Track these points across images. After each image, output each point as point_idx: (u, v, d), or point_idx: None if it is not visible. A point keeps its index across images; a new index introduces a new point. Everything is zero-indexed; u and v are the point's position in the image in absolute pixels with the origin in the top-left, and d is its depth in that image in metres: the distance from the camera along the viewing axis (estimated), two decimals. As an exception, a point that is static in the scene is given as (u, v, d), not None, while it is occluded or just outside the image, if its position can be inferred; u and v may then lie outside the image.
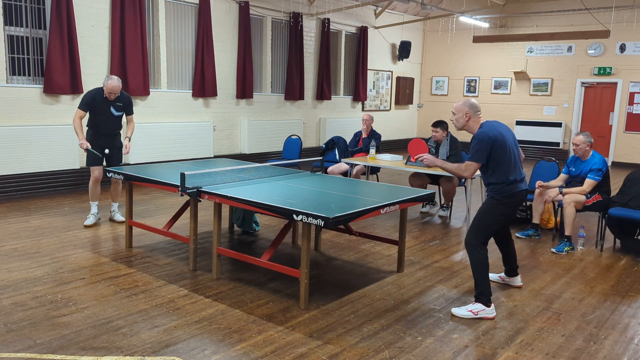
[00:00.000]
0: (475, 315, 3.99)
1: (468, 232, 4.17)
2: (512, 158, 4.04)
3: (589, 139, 5.90)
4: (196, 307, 4.01)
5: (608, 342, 3.69)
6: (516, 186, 4.07)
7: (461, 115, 4.08)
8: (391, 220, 6.91)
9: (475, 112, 4.06)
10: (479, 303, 4.02)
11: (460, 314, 4.01)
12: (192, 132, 9.85)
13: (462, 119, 4.08)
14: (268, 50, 11.39)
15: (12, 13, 7.66)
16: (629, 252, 5.88)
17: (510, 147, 4.04)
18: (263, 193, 4.44)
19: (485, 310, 4.01)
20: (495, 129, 4.01)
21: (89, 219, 6.23)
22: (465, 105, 4.07)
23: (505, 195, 4.05)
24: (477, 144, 3.98)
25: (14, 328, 3.59)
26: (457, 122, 4.12)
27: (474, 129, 4.08)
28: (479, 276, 4.05)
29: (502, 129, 4.07)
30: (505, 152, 3.99)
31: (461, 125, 4.11)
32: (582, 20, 13.02)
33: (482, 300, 4.02)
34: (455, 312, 4.04)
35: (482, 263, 4.05)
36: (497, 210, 4.09)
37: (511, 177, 4.02)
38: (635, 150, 13.16)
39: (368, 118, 8.31)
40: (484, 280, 4.04)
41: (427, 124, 15.60)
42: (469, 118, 4.06)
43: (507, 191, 4.04)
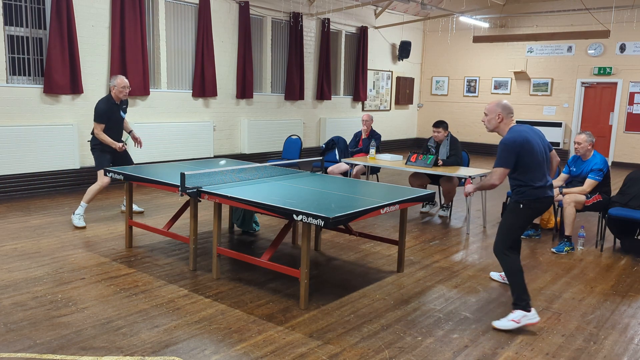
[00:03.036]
0: (518, 323, 3.80)
1: (496, 239, 4.03)
2: (539, 163, 3.92)
3: (591, 138, 5.90)
4: (196, 307, 4.01)
5: (608, 342, 3.69)
6: (543, 191, 3.95)
7: (493, 117, 3.97)
8: (391, 220, 6.91)
9: (507, 113, 3.96)
10: (519, 310, 3.84)
11: (503, 326, 3.83)
12: (192, 132, 9.85)
13: (495, 121, 3.97)
14: (268, 50, 11.39)
15: (12, 13, 7.65)
16: (629, 252, 5.88)
17: (538, 152, 3.91)
18: (263, 193, 4.44)
19: (527, 316, 3.82)
20: (522, 133, 3.88)
21: (81, 220, 6.15)
22: (498, 106, 3.97)
23: (531, 200, 3.92)
24: (503, 150, 3.86)
25: (14, 328, 3.59)
26: (489, 123, 4.00)
27: (504, 132, 3.97)
28: (514, 281, 3.90)
29: (530, 133, 3.94)
30: (532, 157, 3.86)
31: (493, 127, 4.01)
32: (582, 20, 13.02)
33: (521, 305, 3.85)
34: (497, 325, 3.86)
35: (515, 268, 3.90)
36: (523, 214, 3.96)
37: (538, 181, 3.90)
38: (635, 150, 13.16)
39: (368, 118, 8.31)
40: (520, 285, 3.88)
41: (427, 124, 15.61)
42: (502, 120, 3.95)
43: (534, 195, 3.91)
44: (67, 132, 8.05)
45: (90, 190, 6.20)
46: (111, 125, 6.19)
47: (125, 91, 6.16)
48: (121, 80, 6.12)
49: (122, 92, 6.14)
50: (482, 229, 6.75)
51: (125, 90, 6.15)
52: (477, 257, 5.55)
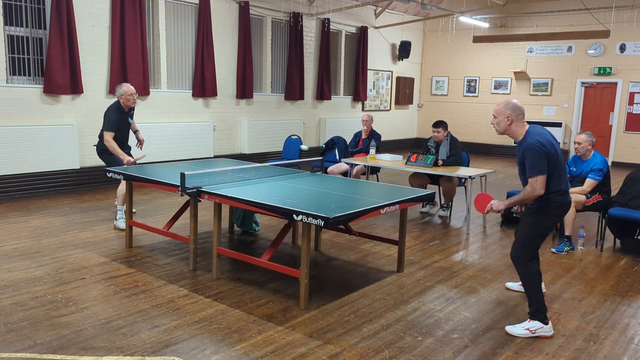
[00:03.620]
0: (533, 333, 3.72)
1: (514, 246, 3.86)
2: (562, 167, 3.78)
3: (592, 138, 5.90)
4: (196, 307, 4.01)
5: (608, 342, 3.69)
6: (566, 196, 3.80)
7: (502, 119, 3.76)
8: (391, 220, 6.91)
9: (517, 115, 3.74)
10: (536, 321, 3.75)
11: (516, 333, 3.75)
12: (192, 132, 9.85)
13: (504, 123, 3.76)
14: (268, 50, 11.39)
15: (12, 13, 7.65)
16: (629, 252, 5.88)
17: (560, 155, 3.77)
18: (263, 193, 4.44)
19: (543, 329, 3.73)
20: (544, 134, 3.73)
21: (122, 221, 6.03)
22: (507, 107, 3.75)
23: (556, 206, 3.75)
24: (535, 155, 3.63)
25: (14, 328, 3.59)
26: (498, 126, 3.80)
27: (517, 134, 3.77)
28: (532, 292, 3.78)
29: (550, 136, 3.78)
30: (557, 160, 3.72)
31: (502, 130, 3.80)
32: (582, 20, 13.02)
33: (538, 317, 3.75)
34: (510, 330, 3.78)
35: (534, 278, 3.76)
36: (546, 221, 3.79)
37: (562, 186, 3.76)
38: (635, 150, 13.16)
39: (368, 119, 8.31)
40: (538, 297, 3.77)
41: (427, 124, 15.61)
42: (511, 122, 3.74)
43: (559, 201, 3.74)
44: (67, 132, 8.05)
45: (119, 192, 6.08)
46: (121, 133, 6.23)
47: (132, 98, 6.14)
48: (127, 89, 6.10)
49: (129, 100, 6.12)
50: (482, 229, 6.75)
51: (132, 98, 6.13)
52: (477, 257, 5.55)
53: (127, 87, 6.12)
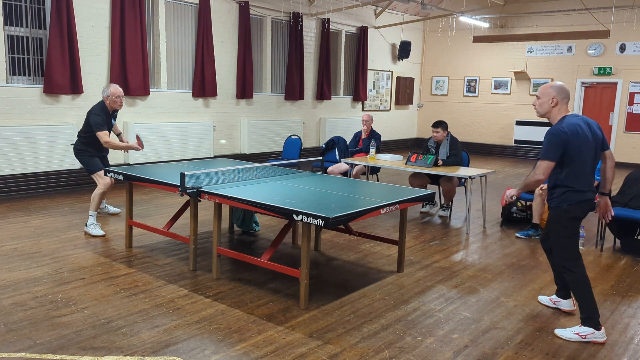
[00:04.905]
0: (583, 339, 3.62)
1: (555, 256, 3.78)
2: (584, 162, 3.58)
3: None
4: (196, 307, 4.01)
5: (608, 342, 3.69)
6: (583, 195, 3.63)
7: (547, 100, 3.62)
8: (391, 220, 6.90)
9: (563, 98, 3.60)
10: (587, 327, 3.65)
11: (566, 337, 3.68)
12: (192, 132, 9.84)
13: (547, 104, 3.63)
14: (268, 50, 11.39)
15: (12, 13, 7.65)
16: (629, 252, 5.88)
17: (586, 149, 3.56)
18: (263, 193, 4.44)
19: (594, 334, 3.62)
20: (574, 125, 3.53)
21: (97, 228, 5.83)
22: (554, 89, 3.61)
23: (571, 203, 3.62)
24: (550, 141, 3.52)
25: (14, 328, 3.59)
26: (541, 107, 3.66)
27: (555, 118, 3.64)
28: (582, 298, 3.66)
29: (582, 127, 3.57)
30: (579, 153, 3.53)
31: (545, 111, 3.65)
32: (582, 20, 13.02)
33: (589, 324, 3.63)
34: (559, 333, 3.72)
35: (582, 283, 3.65)
36: (569, 218, 3.65)
37: (579, 184, 3.60)
38: (635, 150, 13.16)
39: (368, 118, 8.31)
40: (589, 302, 3.64)
41: (427, 124, 15.60)
42: (556, 104, 3.61)
43: (573, 199, 3.61)
44: (67, 132, 8.04)
45: (95, 196, 5.89)
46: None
47: (119, 101, 5.93)
48: (115, 90, 5.88)
49: (116, 102, 5.92)
50: (482, 229, 6.75)
51: (119, 100, 5.93)
52: (477, 257, 5.55)
53: (115, 88, 5.91)
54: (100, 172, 5.96)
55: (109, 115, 6.05)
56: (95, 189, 5.95)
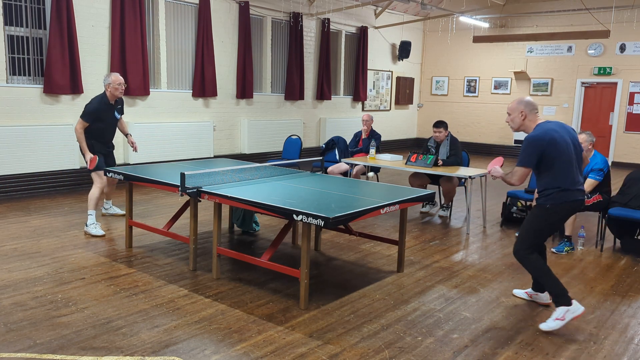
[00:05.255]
0: (564, 320, 3.74)
1: (516, 240, 3.97)
2: (566, 163, 3.74)
3: (592, 138, 5.89)
4: (196, 307, 4.01)
5: (608, 342, 3.69)
6: (571, 194, 3.77)
7: (517, 115, 3.84)
8: (391, 220, 6.90)
9: (530, 110, 3.82)
10: (561, 306, 3.78)
11: (551, 327, 3.77)
12: (192, 132, 9.85)
13: (518, 119, 3.84)
14: (268, 50, 11.39)
15: (12, 13, 7.65)
16: (629, 252, 5.88)
17: (564, 151, 3.73)
18: (263, 193, 4.44)
19: (570, 311, 3.75)
20: (549, 131, 3.72)
21: (98, 228, 5.81)
22: (520, 103, 3.85)
23: (557, 203, 3.76)
24: (526, 147, 3.72)
25: (14, 328, 3.59)
26: (513, 122, 3.88)
27: (529, 128, 3.84)
28: (544, 280, 3.83)
29: (558, 131, 3.77)
30: (558, 156, 3.71)
31: (517, 125, 3.87)
32: (582, 20, 13.02)
33: (562, 302, 3.78)
34: (543, 327, 3.80)
35: (539, 267, 3.83)
36: (547, 217, 3.83)
37: (566, 184, 3.74)
38: (635, 150, 13.16)
39: (368, 118, 8.31)
40: (554, 282, 3.81)
41: (427, 124, 15.62)
42: (525, 117, 3.82)
43: (560, 199, 3.75)
44: (67, 132, 8.04)
45: (92, 195, 5.88)
46: (104, 126, 6.02)
47: (120, 88, 5.93)
48: (116, 77, 5.91)
49: (117, 90, 5.92)
50: (482, 229, 6.75)
51: (120, 88, 5.93)
52: (477, 257, 5.55)
53: (116, 76, 5.93)
54: (99, 171, 5.96)
55: (111, 107, 6.03)
56: (92, 188, 5.96)
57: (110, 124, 6.12)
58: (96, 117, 5.91)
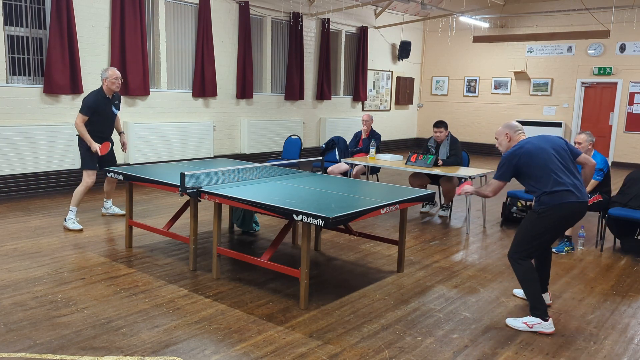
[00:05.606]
0: (530, 328, 3.80)
1: (511, 245, 4.00)
2: (547, 168, 3.80)
3: (591, 138, 5.89)
4: (196, 307, 4.01)
5: (608, 342, 3.69)
6: (560, 196, 3.76)
7: (503, 138, 4.08)
8: (391, 220, 6.91)
9: (515, 131, 4.05)
10: (535, 317, 3.82)
11: (515, 325, 3.86)
12: (192, 132, 9.85)
13: (505, 142, 4.07)
14: (268, 50, 11.39)
15: (12, 13, 7.65)
16: (629, 252, 5.88)
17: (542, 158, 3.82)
18: (263, 193, 4.44)
19: (541, 324, 3.79)
20: (524, 145, 3.89)
21: (75, 223, 5.97)
22: (505, 127, 4.10)
23: (545, 207, 3.79)
24: (501, 162, 3.96)
25: (14, 328, 3.59)
26: (501, 145, 4.11)
27: None
28: (527, 290, 3.87)
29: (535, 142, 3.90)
30: (534, 161, 3.83)
31: (505, 148, 4.07)
32: (582, 20, 13.02)
33: (536, 314, 3.82)
34: (509, 322, 3.90)
35: (527, 276, 3.85)
36: (538, 223, 3.85)
37: (552, 186, 3.76)
38: (635, 150, 13.16)
39: (368, 118, 8.31)
40: (535, 294, 3.84)
41: (427, 124, 15.62)
42: (510, 139, 4.05)
43: (548, 202, 3.78)
44: (67, 132, 8.04)
45: (77, 192, 6.00)
46: (102, 120, 6.04)
47: (117, 82, 5.97)
48: (113, 72, 5.95)
49: (114, 84, 5.95)
50: (482, 229, 6.75)
51: (117, 82, 5.97)
52: (477, 257, 5.55)
53: (114, 70, 5.98)
54: (89, 170, 5.98)
55: (108, 101, 6.04)
56: (79, 185, 6.02)
57: (108, 118, 6.13)
58: (94, 110, 5.94)
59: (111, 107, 6.12)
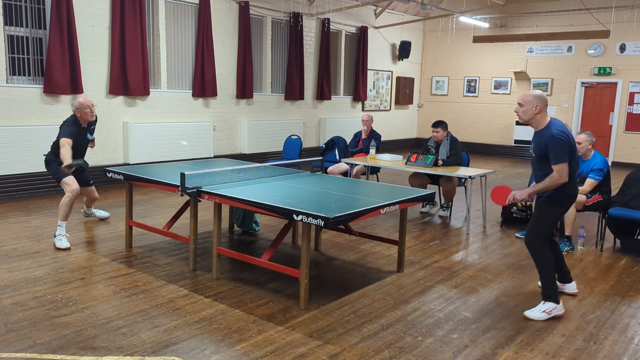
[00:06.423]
0: (549, 315, 4.00)
1: (528, 234, 4.13)
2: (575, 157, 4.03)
3: (591, 138, 5.89)
4: (196, 307, 4.01)
5: (608, 342, 3.69)
6: (576, 187, 4.11)
7: (531, 107, 3.96)
8: (391, 220, 6.90)
9: (545, 105, 3.98)
10: (551, 302, 4.03)
11: (535, 317, 4.00)
12: (192, 132, 9.85)
13: (532, 111, 3.97)
14: (268, 50, 11.39)
15: (12, 13, 7.65)
16: (629, 252, 5.88)
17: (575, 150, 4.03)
18: (263, 193, 4.44)
19: (556, 308, 4.03)
20: (565, 129, 3.96)
21: (65, 240, 5.40)
22: (536, 98, 3.97)
23: (568, 194, 4.04)
24: (560, 144, 3.87)
25: (14, 328, 3.59)
26: (525, 114, 3.99)
27: (540, 123, 3.99)
28: (546, 274, 4.06)
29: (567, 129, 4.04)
30: (575, 153, 3.99)
31: (528, 118, 3.99)
32: (582, 20, 13.02)
33: (553, 299, 4.03)
34: (529, 314, 4.03)
35: (547, 262, 4.06)
36: (557, 209, 4.10)
37: (573, 177, 4.01)
38: (635, 150, 13.16)
39: (368, 118, 8.31)
40: (552, 278, 4.07)
41: (427, 124, 15.60)
42: (539, 111, 3.96)
43: (571, 191, 4.04)
44: (67, 132, 8.04)
45: (62, 204, 5.48)
46: (76, 148, 5.62)
47: (89, 111, 5.60)
48: (83, 100, 5.55)
49: (87, 114, 5.61)
50: (482, 229, 6.75)
51: (89, 111, 5.60)
52: (477, 257, 5.55)
53: (84, 98, 5.58)
54: (66, 178, 5.60)
55: (83, 130, 5.74)
56: (63, 197, 5.55)
57: (82, 146, 5.82)
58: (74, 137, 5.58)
59: (85, 135, 5.82)
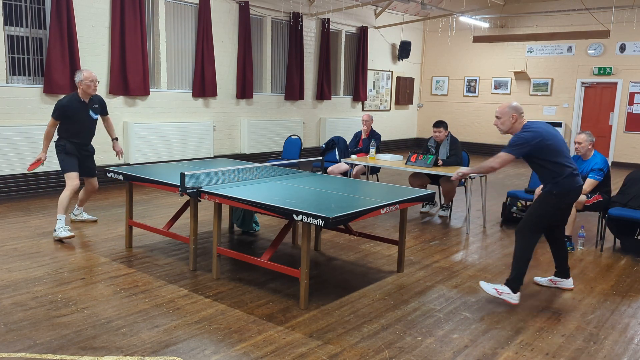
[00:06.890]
0: (499, 295, 4.15)
1: (520, 222, 4.25)
2: (563, 152, 4.09)
3: (591, 137, 5.89)
4: (196, 307, 4.01)
5: (608, 342, 3.69)
6: (574, 180, 4.12)
7: (507, 119, 4.10)
8: (391, 220, 6.90)
9: (520, 114, 4.10)
10: (507, 287, 4.15)
11: (486, 289, 4.23)
12: (192, 132, 9.85)
13: (509, 122, 4.10)
14: (268, 50, 11.39)
15: (12, 13, 7.66)
16: (629, 252, 5.88)
17: (560, 141, 4.11)
18: (263, 193, 4.44)
19: (510, 295, 4.13)
20: (541, 127, 4.05)
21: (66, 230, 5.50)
22: (511, 108, 4.10)
23: (563, 190, 4.09)
24: (518, 140, 4.00)
25: (14, 328, 3.59)
26: (503, 125, 4.13)
27: (517, 130, 4.13)
28: (517, 264, 4.15)
29: (549, 127, 4.13)
30: (556, 147, 4.04)
31: (507, 128, 4.13)
32: (582, 20, 13.01)
33: (511, 285, 4.14)
34: (482, 285, 4.29)
35: (526, 252, 4.13)
36: (552, 202, 4.15)
37: (568, 170, 4.07)
38: (635, 150, 13.16)
39: (368, 119, 8.31)
40: (521, 270, 4.14)
41: (427, 124, 15.61)
42: (516, 120, 4.09)
43: (566, 184, 4.08)
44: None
45: (62, 198, 5.58)
46: (77, 126, 5.69)
47: (93, 85, 5.60)
48: (88, 74, 5.57)
49: (89, 87, 5.59)
50: (482, 229, 6.75)
51: (93, 85, 5.60)
52: (477, 257, 5.55)
53: (88, 72, 5.61)
54: (70, 173, 5.66)
55: (84, 105, 5.69)
56: (63, 191, 5.64)
57: (84, 124, 5.76)
58: (64, 114, 5.61)
59: (88, 112, 5.73)
